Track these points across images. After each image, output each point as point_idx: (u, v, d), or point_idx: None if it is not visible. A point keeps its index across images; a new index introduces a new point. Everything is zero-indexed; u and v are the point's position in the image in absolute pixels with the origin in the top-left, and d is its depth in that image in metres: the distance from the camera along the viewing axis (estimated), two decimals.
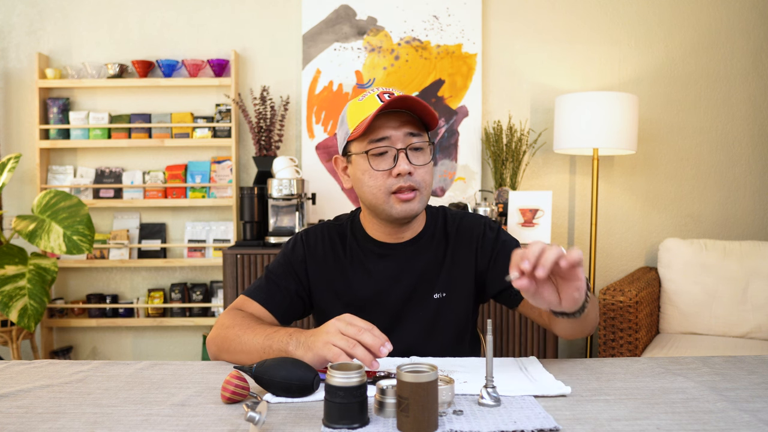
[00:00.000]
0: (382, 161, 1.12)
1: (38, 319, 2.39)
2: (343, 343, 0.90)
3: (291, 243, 1.26)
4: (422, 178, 1.13)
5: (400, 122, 1.12)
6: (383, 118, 1.12)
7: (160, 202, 2.81)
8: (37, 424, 0.80)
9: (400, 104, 1.11)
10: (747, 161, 2.89)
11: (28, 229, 2.38)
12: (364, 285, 1.19)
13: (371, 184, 1.13)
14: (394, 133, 1.11)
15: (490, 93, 2.87)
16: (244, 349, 1.04)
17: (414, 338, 1.18)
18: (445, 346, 1.19)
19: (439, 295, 1.19)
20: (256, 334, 1.04)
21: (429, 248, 1.21)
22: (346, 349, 0.90)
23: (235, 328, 1.08)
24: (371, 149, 1.11)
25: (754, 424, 0.77)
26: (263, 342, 1.01)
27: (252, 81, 2.87)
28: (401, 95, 1.09)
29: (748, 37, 2.85)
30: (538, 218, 2.55)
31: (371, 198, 1.14)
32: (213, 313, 2.80)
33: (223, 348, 1.09)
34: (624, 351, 2.33)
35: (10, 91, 2.90)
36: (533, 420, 0.77)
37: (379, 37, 2.83)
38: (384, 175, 1.12)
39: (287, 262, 1.22)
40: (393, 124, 1.11)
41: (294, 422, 0.79)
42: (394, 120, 1.12)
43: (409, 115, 1.13)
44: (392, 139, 1.11)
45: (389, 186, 1.11)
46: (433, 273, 1.20)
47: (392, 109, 1.12)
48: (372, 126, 1.11)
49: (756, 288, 2.48)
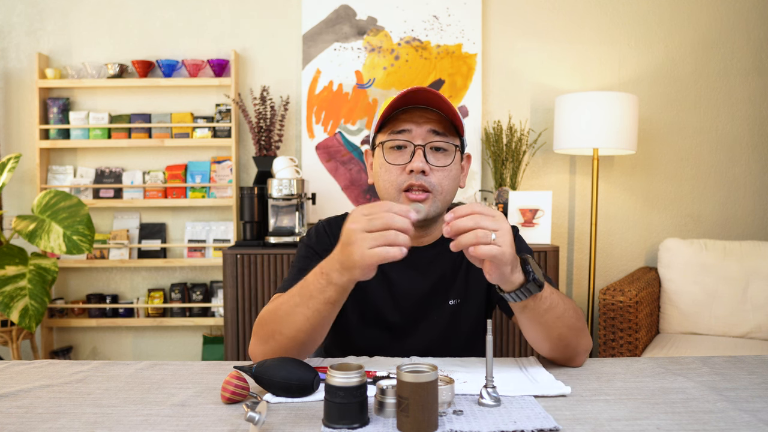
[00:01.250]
0: (398, 155, 1.08)
1: (39, 319, 2.39)
2: (380, 239, 0.82)
3: (313, 234, 1.19)
4: (438, 181, 1.07)
5: (426, 119, 1.07)
6: (409, 112, 1.08)
7: (160, 202, 2.81)
8: (37, 424, 0.80)
9: (427, 100, 1.07)
10: (747, 161, 2.89)
11: (28, 229, 2.38)
12: (381, 289, 1.15)
13: (385, 178, 1.09)
14: (415, 128, 1.07)
15: (490, 93, 2.87)
16: (290, 315, 0.94)
17: (427, 344, 1.15)
18: (457, 352, 1.16)
19: (454, 301, 1.16)
20: (290, 295, 0.96)
21: (447, 254, 1.16)
22: (385, 243, 0.82)
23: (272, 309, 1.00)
24: (389, 140, 1.08)
25: (754, 424, 0.77)
26: (299, 292, 0.93)
27: (252, 81, 2.87)
28: (426, 87, 1.04)
29: (748, 37, 2.85)
30: (538, 218, 2.55)
31: (383, 193, 1.10)
32: (213, 313, 2.80)
33: (270, 332, 0.97)
34: (624, 351, 2.33)
35: (10, 91, 2.90)
36: (533, 420, 0.77)
37: (379, 37, 2.83)
38: (398, 170, 1.07)
39: (314, 253, 1.15)
40: (417, 120, 1.07)
41: (294, 422, 0.79)
42: (419, 116, 1.08)
43: (437, 114, 1.08)
44: (413, 134, 1.07)
45: (401, 183, 1.07)
46: (449, 279, 1.17)
47: (421, 105, 1.08)
48: (396, 118, 1.08)
49: (756, 288, 2.48)
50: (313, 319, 0.93)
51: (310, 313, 0.92)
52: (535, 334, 0.99)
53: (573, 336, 0.99)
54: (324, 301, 0.91)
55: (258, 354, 1.00)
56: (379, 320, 1.16)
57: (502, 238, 0.84)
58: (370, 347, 1.16)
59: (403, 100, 1.07)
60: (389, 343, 1.17)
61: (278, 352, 0.96)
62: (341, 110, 2.84)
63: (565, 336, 0.98)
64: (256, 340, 1.00)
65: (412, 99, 1.07)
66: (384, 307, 1.16)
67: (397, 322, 1.16)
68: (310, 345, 0.97)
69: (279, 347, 0.96)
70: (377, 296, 1.15)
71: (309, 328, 0.93)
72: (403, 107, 1.10)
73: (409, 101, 1.08)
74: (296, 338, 0.95)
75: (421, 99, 1.07)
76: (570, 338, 0.99)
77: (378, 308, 1.16)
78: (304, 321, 0.93)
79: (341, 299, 0.92)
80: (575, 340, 1.00)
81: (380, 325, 1.16)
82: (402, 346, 1.16)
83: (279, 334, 0.96)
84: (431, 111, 1.09)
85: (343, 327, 1.17)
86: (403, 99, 1.07)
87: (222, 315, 2.72)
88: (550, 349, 1.01)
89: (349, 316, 1.16)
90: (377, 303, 1.16)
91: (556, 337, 0.98)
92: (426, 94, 1.05)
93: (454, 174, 1.11)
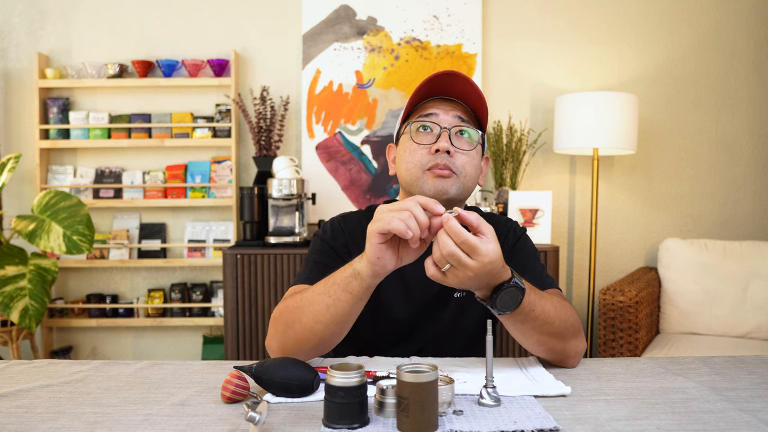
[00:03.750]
0: (424, 136, 1.10)
1: (39, 319, 2.39)
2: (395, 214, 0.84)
3: (328, 229, 1.19)
4: (462, 164, 1.09)
5: (452, 107, 1.11)
6: (437, 101, 1.12)
7: (160, 202, 2.80)
8: (37, 424, 0.80)
9: (453, 92, 1.10)
10: (747, 161, 2.89)
11: (28, 229, 2.38)
12: (393, 282, 1.14)
13: (409, 160, 1.10)
14: (442, 114, 1.10)
15: (490, 93, 2.87)
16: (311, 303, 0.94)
17: (434, 337, 1.17)
18: (462, 347, 1.17)
19: (459, 294, 1.17)
20: (316, 284, 0.97)
21: None
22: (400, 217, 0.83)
23: (294, 300, 0.99)
24: (416, 122, 1.11)
25: (754, 424, 0.77)
26: (324, 280, 0.94)
27: (252, 81, 2.87)
28: (456, 72, 1.08)
29: (748, 37, 2.85)
30: (538, 218, 2.55)
31: (407, 175, 1.11)
32: (213, 313, 2.80)
33: (289, 322, 0.97)
34: (624, 351, 2.32)
35: (10, 91, 2.90)
36: (533, 420, 0.77)
37: (379, 37, 2.83)
38: (423, 150, 1.09)
39: (329, 248, 1.16)
40: (444, 107, 1.11)
41: (294, 422, 0.79)
42: (446, 104, 1.11)
43: (463, 106, 1.13)
44: (439, 118, 1.10)
45: (425, 162, 1.08)
46: None
47: (447, 96, 1.12)
48: (422, 106, 1.12)
49: (756, 288, 2.48)
50: (333, 309, 0.93)
51: (331, 301, 0.92)
52: (514, 334, 1.00)
53: (556, 342, 0.99)
54: (345, 287, 0.91)
55: (275, 346, 1.00)
56: (391, 314, 1.16)
57: (455, 276, 0.84)
58: (379, 341, 1.17)
59: (432, 87, 1.10)
60: (397, 337, 1.17)
61: (295, 345, 0.96)
62: (341, 110, 2.84)
63: (545, 342, 0.98)
64: (274, 331, 1.00)
65: (440, 87, 1.10)
66: (395, 300, 1.16)
67: (406, 315, 1.16)
68: (328, 339, 0.97)
69: (296, 338, 0.96)
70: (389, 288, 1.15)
71: (329, 318, 0.93)
72: (430, 98, 1.13)
73: (438, 90, 1.11)
74: (314, 329, 0.94)
75: (450, 88, 1.10)
76: (553, 344, 0.99)
77: (389, 300, 1.16)
78: (325, 310, 0.93)
79: (362, 293, 0.91)
80: (560, 345, 0.99)
81: (389, 318, 1.16)
82: (409, 339, 1.17)
83: (298, 323, 0.95)
84: (458, 102, 1.12)
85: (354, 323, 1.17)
86: (432, 85, 1.09)
87: (222, 315, 2.72)
88: (532, 351, 1.02)
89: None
90: (388, 295, 1.15)
91: (534, 341, 0.98)
92: (456, 80, 1.08)
93: (477, 162, 1.12)
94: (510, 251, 1.17)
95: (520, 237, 1.20)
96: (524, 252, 1.18)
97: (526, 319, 0.93)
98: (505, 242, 1.18)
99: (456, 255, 0.82)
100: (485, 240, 0.83)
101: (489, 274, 0.84)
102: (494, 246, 0.83)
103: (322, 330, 0.95)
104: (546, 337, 0.97)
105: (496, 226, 1.19)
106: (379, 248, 0.86)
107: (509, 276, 0.88)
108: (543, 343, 0.98)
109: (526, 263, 1.15)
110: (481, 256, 0.82)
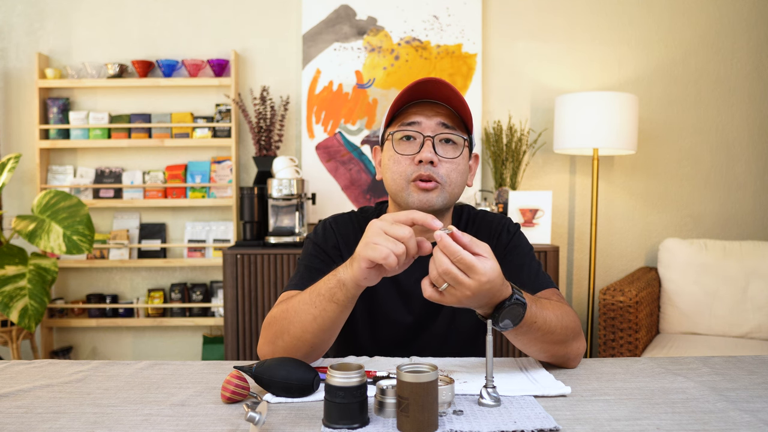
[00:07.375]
0: (407, 146, 1.08)
1: (39, 319, 2.39)
2: (389, 243, 0.82)
3: (320, 231, 1.18)
4: (446, 173, 1.07)
5: (435, 112, 1.08)
6: (419, 105, 1.09)
7: (160, 202, 2.80)
8: (37, 424, 0.80)
9: (437, 94, 1.07)
10: (747, 161, 2.89)
11: (28, 229, 2.38)
12: (388, 283, 1.14)
13: (393, 170, 1.09)
14: (425, 121, 1.07)
15: (490, 93, 2.87)
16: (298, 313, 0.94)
17: (432, 339, 1.16)
18: (460, 348, 1.16)
19: None
20: (302, 294, 0.97)
21: None
22: (392, 248, 0.82)
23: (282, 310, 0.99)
24: (398, 131, 1.09)
25: (754, 424, 0.77)
26: (310, 289, 0.94)
27: (252, 81, 2.87)
28: (437, 78, 1.04)
29: (748, 37, 2.85)
30: (538, 218, 2.55)
31: (392, 185, 1.10)
32: (213, 313, 2.80)
33: (278, 333, 0.97)
34: (624, 351, 2.33)
35: (10, 91, 2.90)
36: (533, 420, 0.77)
37: (379, 37, 2.83)
38: (407, 161, 1.07)
39: (321, 251, 1.15)
40: (427, 113, 1.08)
41: (294, 422, 0.79)
42: (429, 109, 1.08)
43: (446, 109, 1.09)
44: (422, 126, 1.07)
45: (409, 173, 1.06)
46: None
47: (430, 99, 1.09)
48: (405, 111, 1.09)
49: (756, 288, 2.48)
50: (320, 319, 0.93)
51: (318, 312, 0.92)
52: (516, 344, 0.99)
53: (558, 348, 0.98)
54: (330, 298, 0.91)
55: (266, 354, 1.00)
56: (387, 314, 1.16)
57: (453, 296, 0.83)
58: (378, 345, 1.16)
59: (413, 92, 1.08)
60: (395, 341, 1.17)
61: (286, 353, 0.96)
62: (341, 110, 2.84)
63: (547, 349, 0.98)
64: (264, 340, 1.00)
65: (422, 92, 1.08)
66: (391, 304, 1.15)
67: (404, 318, 1.16)
68: (318, 347, 0.97)
69: (286, 348, 0.96)
70: (384, 293, 1.15)
71: (316, 328, 0.93)
72: (413, 101, 1.10)
73: (420, 94, 1.09)
74: (302, 338, 0.94)
75: (432, 93, 1.08)
76: (555, 350, 0.98)
77: (386, 304, 1.16)
78: (311, 321, 0.93)
79: (347, 302, 0.91)
80: (562, 351, 0.99)
81: (388, 321, 1.16)
82: (408, 342, 1.16)
83: (287, 333, 0.95)
84: (441, 105, 1.09)
85: (352, 326, 1.17)
86: (414, 91, 1.07)
87: (222, 315, 2.72)
88: (535, 357, 1.03)
89: (357, 315, 1.16)
90: (385, 300, 1.15)
91: (537, 350, 0.98)
92: (437, 86, 1.06)
93: (462, 168, 1.11)
94: (504, 250, 1.16)
95: (514, 235, 1.18)
96: (519, 250, 1.16)
97: (528, 330, 0.92)
98: (498, 240, 1.17)
99: (452, 273, 0.80)
100: (482, 258, 0.82)
101: (489, 293, 0.83)
102: (492, 264, 0.82)
103: (311, 339, 0.95)
104: (548, 345, 0.97)
105: (488, 225, 1.19)
106: (368, 271, 0.86)
107: (510, 293, 0.87)
108: (545, 351, 0.98)
109: (522, 262, 1.14)
110: (478, 274, 0.80)
